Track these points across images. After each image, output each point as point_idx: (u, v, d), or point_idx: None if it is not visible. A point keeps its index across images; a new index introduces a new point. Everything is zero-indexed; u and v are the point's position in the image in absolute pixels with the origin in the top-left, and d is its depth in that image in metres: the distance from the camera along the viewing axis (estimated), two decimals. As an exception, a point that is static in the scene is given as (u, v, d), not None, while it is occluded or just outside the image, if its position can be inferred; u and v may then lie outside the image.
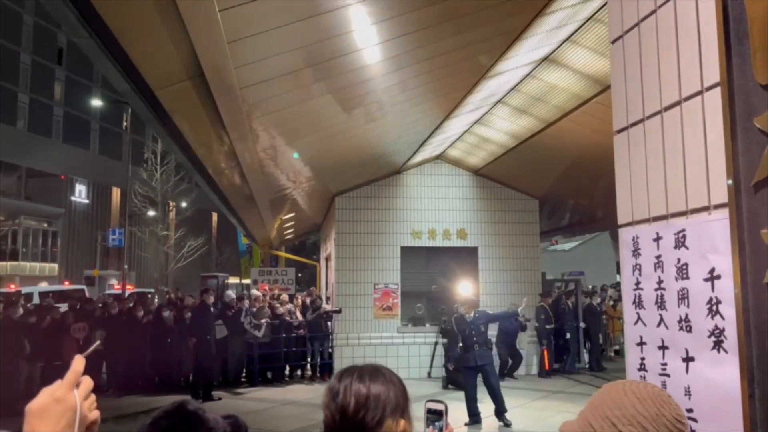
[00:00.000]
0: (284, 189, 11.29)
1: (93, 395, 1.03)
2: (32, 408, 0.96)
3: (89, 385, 1.02)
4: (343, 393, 1.33)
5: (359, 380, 1.35)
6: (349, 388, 1.34)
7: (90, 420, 1.01)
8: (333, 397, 1.34)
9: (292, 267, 18.37)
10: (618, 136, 2.11)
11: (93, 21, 4.10)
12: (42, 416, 0.95)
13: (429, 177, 12.75)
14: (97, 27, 4.18)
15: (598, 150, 9.39)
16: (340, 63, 6.06)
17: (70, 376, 1.00)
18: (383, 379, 1.37)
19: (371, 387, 1.34)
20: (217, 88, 5.43)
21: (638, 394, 1.15)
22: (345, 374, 1.39)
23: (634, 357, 1.96)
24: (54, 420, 0.95)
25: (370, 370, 1.39)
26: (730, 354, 1.52)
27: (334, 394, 1.35)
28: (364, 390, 1.32)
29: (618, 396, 1.15)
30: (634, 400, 1.14)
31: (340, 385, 1.35)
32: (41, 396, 0.98)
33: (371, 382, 1.35)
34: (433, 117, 8.96)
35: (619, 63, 2.10)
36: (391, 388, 1.36)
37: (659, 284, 1.82)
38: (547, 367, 12.19)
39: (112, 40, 4.41)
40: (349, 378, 1.36)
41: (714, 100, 1.61)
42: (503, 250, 12.73)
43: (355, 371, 1.38)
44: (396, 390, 1.37)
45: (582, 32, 6.65)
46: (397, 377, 1.41)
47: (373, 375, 1.37)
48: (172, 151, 9.52)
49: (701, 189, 1.65)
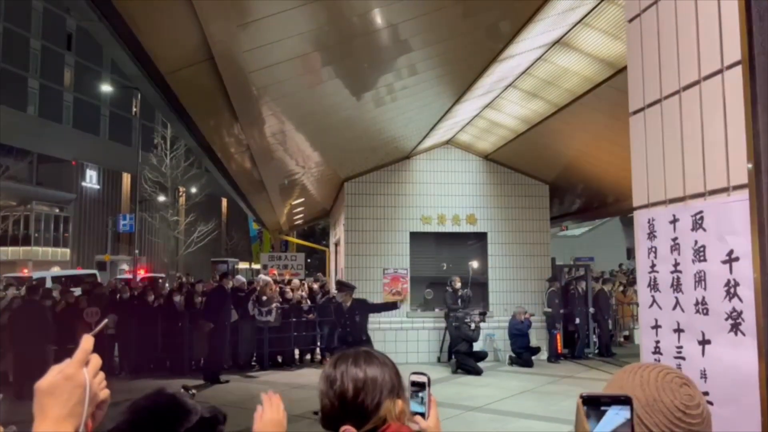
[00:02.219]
0: (294, 174, 11.29)
1: (102, 373, 1.02)
2: (42, 386, 0.96)
3: (98, 363, 1.02)
4: (340, 379, 1.34)
5: (355, 365, 1.36)
6: (345, 373, 1.34)
7: (100, 398, 1.01)
8: (330, 385, 1.35)
9: (301, 252, 18.44)
10: (634, 117, 2.08)
11: (102, 4, 4.08)
12: (52, 394, 0.95)
13: (439, 162, 12.70)
14: (106, 10, 4.17)
15: (610, 134, 9.32)
16: (349, 47, 6.02)
17: (79, 354, 1.00)
18: (377, 362, 1.38)
19: (367, 371, 1.35)
20: (226, 72, 5.40)
21: (644, 377, 1.08)
22: (339, 361, 1.39)
23: (649, 340, 1.95)
24: (64, 397, 0.95)
25: (364, 354, 1.40)
26: (747, 337, 1.50)
27: (332, 381, 1.35)
28: (361, 374, 1.33)
29: (626, 377, 1.09)
30: (636, 382, 1.07)
31: (337, 372, 1.36)
32: (50, 374, 0.97)
33: (367, 366, 1.36)
34: (443, 101, 8.89)
35: (636, 42, 2.06)
36: (386, 371, 1.37)
37: (675, 267, 1.80)
38: (560, 351, 12.22)
39: (122, 23, 4.39)
40: (344, 364, 1.37)
41: (735, 79, 1.57)
42: (513, 236, 12.69)
43: (350, 357, 1.39)
44: (390, 372, 1.38)
45: (594, 14, 6.55)
46: (389, 359, 1.42)
47: (367, 359, 1.38)
48: (181, 136, 9.52)
49: (720, 170, 1.63)
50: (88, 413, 0.97)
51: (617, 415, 0.93)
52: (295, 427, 7.44)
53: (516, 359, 11.65)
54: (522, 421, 7.52)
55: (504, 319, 12.10)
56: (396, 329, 12.10)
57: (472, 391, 9.32)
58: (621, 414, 0.94)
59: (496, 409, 8.17)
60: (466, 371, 10.66)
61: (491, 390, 9.37)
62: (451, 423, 7.40)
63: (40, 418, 0.94)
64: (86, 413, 0.96)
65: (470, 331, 10.90)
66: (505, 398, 8.77)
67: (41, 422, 0.94)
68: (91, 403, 0.97)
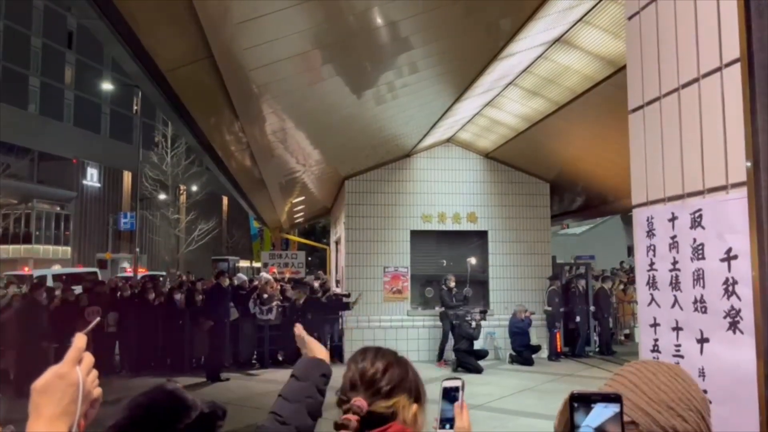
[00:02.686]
0: (294, 172, 11.29)
1: (95, 371, 1.02)
2: (37, 386, 0.96)
3: (91, 361, 1.02)
4: (363, 360, 1.41)
5: (383, 357, 1.43)
6: (369, 359, 1.42)
7: (93, 396, 1.01)
8: (355, 362, 1.42)
9: (302, 251, 18.43)
10: (633, 115, 2.08)
11: (102, 2, 4.08)
12: (46, 393, 0.95)
13: (439, 160, 12.69)
14: (106, 8, 4.17)
15: (610, 132, 9.30)
16: (349, 45, 6.01)
17: (72, 353, 1.00)
18: (403, 364, 1.44)
19: (392, 364, 1.41)
20: (226, 70, 5.40)
21: (682, 376, 1.05)
22: (368, 350, 1.46)
23: (648, 338, 1.95)
24: (57, 396, 0.95)
25: (394, 354, 1.46)
26: (746, 335, 1.50)
27: (355, 360, 1.43)
28: (382, 365, 1.39)
29: (668, 380, 1.03)
30: (683, 384, 1.03)
31: (364, 357, 1.43)
32: (46, 374, 0.98)
33: (395, 361, 1.43)
34: (443, 99, 8.88)
35: (635, 40, 2.05)
36: (411, 374, 1.43)
37: (674, 265, 1.80)
38: (559, 349, 12.22)
39: (122, 21, 4.39)
40: (372, 353, 1.44)
41: (733, 77, 1.57)
42: (514, 234, 12.69)
43: (379, 350, 1.46)
44: (415, 378, 1.44)
45: (595, 12, 6.54)
46: (416, 371, 1.47)
47: (398, 359, 1.45)
48: (182, 134, 9.53)
49: (719, 168, 1.62)
50: (81, 411, 0.97)
51: (606, 408, 0.94)
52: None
53: (516, 357, 11.66)
54: (522, 419, 7.52)
55: (504, 318, 12.10)
56: (396, 327, 12.11)
57: (473, 389, 9.31)
58: (610, 408, 0.94)
59: (497, 407, 8.18)
60: (467, 369, 10.67)
61: (491, 388, 9.37)
62: (451, 421, 7.39)
63: (34, 417, 0.94)
64: (80, 411, 0.96)
65: (471, 330, 10.90)
66: (505, 396, 8.78)
67: (35, 421, 0.94)
68: (84, 402, 0.97)
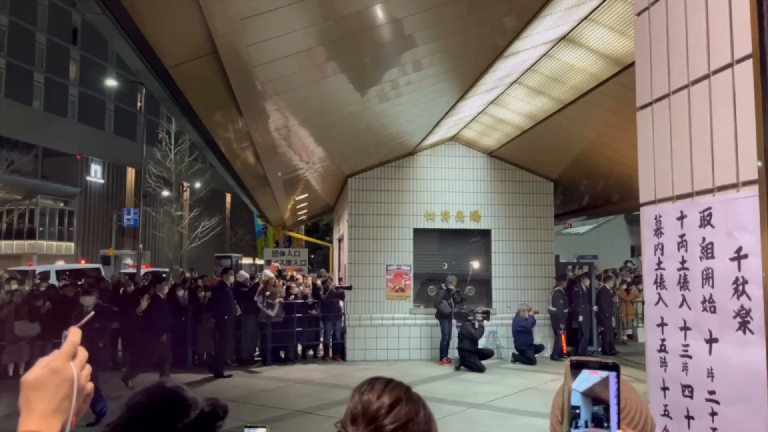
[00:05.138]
0: (298, 169, 11.27)
1: (89, 366, 0.99)
2: (28, 380, 0.92)
3: (85, 356, 0.99)
4: (370, 391, 1.24)
5: (391, 390, 1.25)
6: (377, 393, 1.24)
7: (86, 392, 0.98)
8: (360, 393, 1.25)
9: (305, 248, 18.42)
10: (641, 112, 2.05)
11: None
12: (38, 389, 0.92)
13: (443, 158, 12.66)
14: (110, 3, 4.15)
15: (615, 132, 9.27)
16: (353, 42, 5.99)
17: (66, 347, 0.96)
18: (418, 403, 1.26)
19: (399, 400, 1.24)
20: (230, 66, 5.38)
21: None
22: (378, 380, 1.28)
23: (654, 338, 1.92)
24: (51, 392, 0.92)
25: (405, 389, 1.27)
26: (756, 335, 1.47)
27: (363, 390, 1.26)
28: (389, 400, 1.22)
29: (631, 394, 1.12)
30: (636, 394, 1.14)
31: (374, 387, 1.25)
32: (37, 368, 0.93)
33: (405, 397, 1.25)
34: (447, 97, 8.85)
35: (645, 36, 2.03)
36: (423, 416, 1.24)
37: (682, 264, 1.78)
38: (564, 350, 12.20)
39: (126, 16, 4.38)
40: (381, 387, 1.26)
41: (745, 73, 1.54)
42: (517, 233, 12.66)
43: (388, 384, 1.27)
44: (429, 422, 1.25)
45: (601, 10, 6.50)
46: (435, 420, 1.28)
47: (408, 394, 1.26)
48: (185, 130, 9.51)
49: (729, 165, 1.60)
50: (75, 408, 0.93)
51: (592, 375, 0.97)
52: (297, 422, 7.45)
53: (519, 356, 11.63)
54: (524, 418, 7.50)
55: (507, 317, 12.07)
56: (399, 325, 12.10)
57: (475, 388, 9.31)
58: (601, 374, 0.97)
59: (499, 406, 8.16)
60: (469, 368, 10.66)
61: (494, 387, 9.35)
62: (454, 420, 7.39)
63: (27, 413, 0.91)
64: (74, 408, 0.93)
65: (473, 329, 10.88)
66: (507, 395, 8.75)
67: (27, 418, 0.90)
68: (78, 398, 0.94)
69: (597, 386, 0.97)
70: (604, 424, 0.97)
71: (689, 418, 1.73)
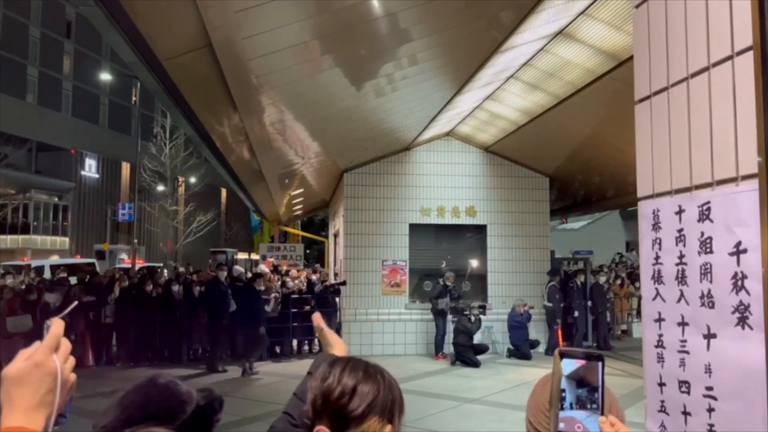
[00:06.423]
0: (293, 164, 11.23)
1: (72, 358, 0.96)
2: (9, 374, 0.89)
3: (68, 348, 0.95)
4: (331, 378, 1.23)
5: (352, 371, 1.25)
6: (337, 375, 1.23)
7: (69, 384, 0.95)
8: (321, 381, 1.24)
9: (300, 243, 18.38)
10: (639, 106, 2.03)
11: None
12: (21, 382, 0.88)
13: (439, 154, 12.64)
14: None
15: (610, 127, 9.26)
16: (349, 35, 5.95)
17: (49, 339, 0.93)
18: (377, 377, 1.26)
19: (362, 381, 1.23)
20: (225, 60, 5.34)
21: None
22: (338, 363, 1.27)
23: (652, 334, 1.91)
24: (34, 386, 0.89)
25: (366, 365, 1.28)
26: (755, 331, 1.46)
27: (323, 378, 1.24)
28: (352, 383, 1.22)
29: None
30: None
31: (331, 372, 1.24)
32: (18, 361, 0.90)
33: (364, 377, 1.24)
34: (443, 92, 8.83)
35: (643, 28, 2.00)
36: (383, 389, 1.24)
37: (680, 259, 1.76)
38: (561, 345, 12.21)
39: (119, 8, 4.33)
40: (340, 367, 1.25)
41: (745, 65, 1.52)
42: (513, 228, 12.66)
43: (349, 362, 1.27)
44: (391, 394, 1.25)
45: (597, 5, 6.49)
46: (395, 382, 1.28)
47: (367, 371, 1.26)
48: (180, 124, 9.47)
49: (729, 159, 1.58)
50: (59, 402, 0.90)
51: (574, 362, 1.06)
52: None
53: (514, 352, 11.65)
54: (519, 413, 7.46)
55: (503, 312, 12.09)
56: (394, 320, 12.09)
57: (470, 382, 9.32)
58: (579, 363, 1.06)
59: (494, 401, 8.16)
60: (465, 363, 10.66)
61: (489, 382, 9.37)
62: (449, 414, 7.39)
63: (8, 408, 0.88)
64: (57, 401, 0.90)
65: (469, 324, 10.88)
66: (503, 390, 8.76)
67: (10, 413, 0.87)
68: (61, 391, 0.91)
69: (581, 370, 1.05)
70: (589, 405, 1.05)
71: (686, 414, 1.71)
